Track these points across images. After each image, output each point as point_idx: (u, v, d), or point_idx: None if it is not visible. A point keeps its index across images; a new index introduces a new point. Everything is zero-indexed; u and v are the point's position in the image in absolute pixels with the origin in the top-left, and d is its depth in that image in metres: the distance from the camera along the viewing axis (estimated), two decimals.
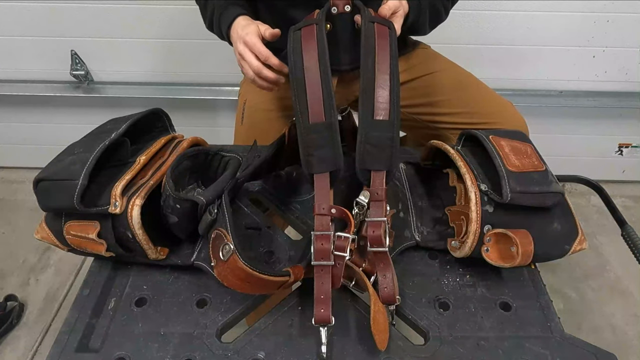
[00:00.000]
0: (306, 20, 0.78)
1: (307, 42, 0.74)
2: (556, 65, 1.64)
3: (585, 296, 1.58)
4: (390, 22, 0.78)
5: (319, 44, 0.74)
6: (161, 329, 0.71)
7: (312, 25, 0.76)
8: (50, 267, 1.70)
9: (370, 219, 0.71)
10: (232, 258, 0.65)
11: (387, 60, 0.73)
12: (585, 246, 0.75)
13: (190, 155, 0.80)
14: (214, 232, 0.70)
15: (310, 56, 0.73)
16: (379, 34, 0.75)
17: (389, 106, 0.71)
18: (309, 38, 0.75)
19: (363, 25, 0.75)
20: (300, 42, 0.74)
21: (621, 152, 1.90)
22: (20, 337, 1.48)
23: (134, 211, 0.70)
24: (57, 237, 0.75)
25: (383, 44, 0.74)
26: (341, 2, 0.87)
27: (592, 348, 0.68)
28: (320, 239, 0.68)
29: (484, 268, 0.76)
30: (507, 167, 0.72)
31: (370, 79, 0.72)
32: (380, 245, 0.69)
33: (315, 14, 0.81)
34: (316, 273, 0.68)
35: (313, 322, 0.66)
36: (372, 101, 0.71)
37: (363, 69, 0.72)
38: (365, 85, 0.71)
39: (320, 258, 0.67)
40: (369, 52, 0.73)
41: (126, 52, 1.64)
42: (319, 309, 0.66)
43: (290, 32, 0.77)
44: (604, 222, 1.80)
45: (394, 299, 0.68)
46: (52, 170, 0.72)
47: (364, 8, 0.81)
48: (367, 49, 0.73)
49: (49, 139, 1.93)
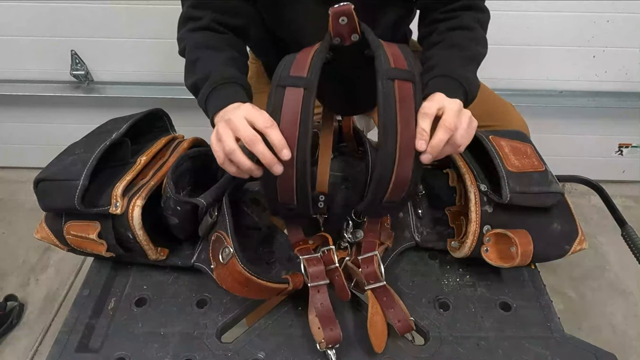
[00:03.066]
0: (295, 79, 0.62)
1: (289, 110, 0.60)
2: (556, 65, 1.64)
3: (585, 296, 1.58)
4: (414, 75, 0.63)
5: (302, 122, 0.60)
6: (161, 329, 0.71)
7: (300, 90, 0.60)
8: (50, 267, 1.70)
9: (363, 255, 0.72)
10: (232, 261, 0.65)
11: (412, 140, 0.60)
12: (585, 246, 0.75)
13: (190, 157, 0.80)
14: (214, 234, 0.70)
15: (289, 135, 0.60)
16: (401, 99, 0.60)
17: (407, 189, 0.64)
18: (292, 104, 0.60)
19: (380, 84, 0.60)
20: (280, 112, 0.60)
21: (621, 152, 1.90)
22: (20, 337, 1.48)
23: (135, 212, 0.70)
24: (57, 237, 0.75)
25: (406, 116, 0.60)
26: (346, 31, 0.67)
27: (592, 348, 0.68)
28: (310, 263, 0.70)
29: (484, 268, 0.76)
30: (506, 167, 0.72)
31: (388, 167, 0.61)
32: (376, 280, 0.69)
33: (313, 49, 0.66)
34: (312, 293, 0.68)
35: (320, 347, 0.64)
36: (387, 186, 0.62)
37: (382, 145, 0.60)
38: (382, 172, 0.61)
39: (315, 278, 0.68)
40: (389, 127, 0.59)
41: (126, 52, 1.64)
42: (328, 329, 0.64)
43: (274, 84, 0.63)
44: (604, 222, 1.80)
45: (410, 327, 0.68)
46: (53, 170, 0.73)
47: (380, 46, 0.64)
48: (386, 121, 0.59)
49: (49, 139, 1.93)
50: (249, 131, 0.61)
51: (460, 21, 0.79)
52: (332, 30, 0.67)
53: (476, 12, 0.81)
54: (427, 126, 0.61)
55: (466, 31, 0.78)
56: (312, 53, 0.64)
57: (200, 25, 0.78)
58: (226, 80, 0.72)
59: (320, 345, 0.65)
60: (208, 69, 0.73)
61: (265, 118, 0.60)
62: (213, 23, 0.78)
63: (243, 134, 0.61)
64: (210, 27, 0.78)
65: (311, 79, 0.60)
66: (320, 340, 0.65)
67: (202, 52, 0.76)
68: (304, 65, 0.62)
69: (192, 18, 0.80)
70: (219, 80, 0.71)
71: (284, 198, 0.64)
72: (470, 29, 0.79)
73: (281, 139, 0.59)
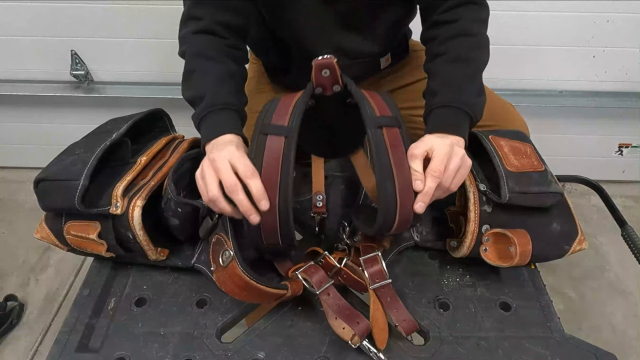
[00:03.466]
0: (277, 127, 0.63)
1: (270, 157, 0.62)
2: (556, 65, 1.64)
3: (585, 296, 1.58)
4: (398, 119, 0.66)
5: (283, 169, 0.61)
6: (161, 329, 0.71)
7: (281, 138, 0.62)
8: (50, 267, 1.70)
9: (365, 256, 0.72)
10: (232, 264, 0.65)
11: (409, 181, 0.63)
12: (584, 246, 0.75)
13: (191, 158, 0.80)
14: (215, 236, 0.70)
15: (270, 186, 0.61)
16: (391, 144, 0.63)
17: (411, 223, 0.66)
18: (273, 152, 0.62)
19: (369, 132, 0.63)
20: (262, 158, 0.62)
21: (621, 152, 1.90)
22: (20, 337, 1.48)
23: (135, 212, 0.70)
24: (57, 236, 0.75)
25: (399, 159, 0.63)
26: (328, 82, 0.69)
27: (592, 348, 0.68)
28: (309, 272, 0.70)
29: (483, 268, 0.76)
30: (506, 167, 0.72)
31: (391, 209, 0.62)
32: (382, 278, 0.70)
33: (295, 97, 0.67)
34: (323, 299, 0.68)
35: (354, 343, 0.65)
36: (391, 225, 0.64)
37: (382, 189, 0.62)
38: (385, 215, 0.63)
39: (320, 283, 0.69)
40: (386, 172, 0.62)
41: (126, 52, 1.64)
42: (354, 323, 0.65)
43: (256, 131, 0.64)
44: (604, 222, 1.80)
45: (415, 327, 0.68)
46: (53, 170, 0.73)
47: (363, 97, 0.66)
48: (382, 166, 0.62)
49: (49, 139, 1.93)
50: (230, 178, 0.62)
51: (461, 25, 0.79)
52: (314, 80, 0.69)
53: (475, 9, 0.81)
54: (419, 167, 0.64)
55: (469, 38, 0.78)
56: (294, 101, 0.66)
57: (201, 27, 0.79)
58: (219, 106, 0.73)
59: (353, 342, 0.65)
60: (203, 89, 0.75)
61: (246, 166, 0.62)
62: (214, 25, 0.79)
63: (225, 178, 0.63)
64: (211, 29, 0.78)
65: (292, 128, 0.63)
66: (352, 337, 0.65)
67: (200, 63, 0.77)
68: (286, 114, 0.64)
69: (194, 17, 0.80)
70: (212, 105, 0.73)
71: (269, 240, 0.66)
72: (472, 34, 0.79)
73: (260, 190, 0.61)
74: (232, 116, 0.74)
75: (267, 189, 0.61)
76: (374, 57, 0.99)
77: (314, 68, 0.68)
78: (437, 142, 0.67)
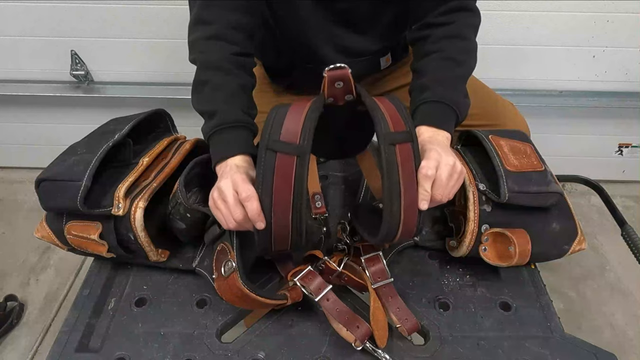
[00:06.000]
0: (287, 145, 0.60)
1: (282, 177, 0.60)
2: (556, 65, 1.64)
3: (585, 296, 1.58)
4: (411, 134, 0.63)
5: (296, 190, 0.60)
6: (161, 329, 0.71)
7: (292, 158, 0.60)
8: (50, 267, 1.70)
9: (366, 255, 0.73)
10: (233, 276, 0.65)
11: (415, 199, 0.62)
12: (584, 246, 0.75)
13: (199, 162, 0.79)
14: (220, 244, 0.70)
15: (283, 205, 0.61)
16: (402, 162, 0.61)
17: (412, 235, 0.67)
18: (284, 172, 0.60)
19: (382, 150, 0.61)
20: (273, 178, 0.60)
21: (621, 152, 1.90)
22: (20, 337, 1.48)
23: (137, 213, 0.70)
24: (57, 236, 0.75)
25: (408, 178, 0.62)
26: (341, 93, 0.67)
27: (592, 348, 0.68)
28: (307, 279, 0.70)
29: (483, 268, 0.76)
30: (505, 166, 0.72)
31: (393, 226, 0.63)
32: (384, 277, 0.71)
33: (305, 109, 0.63)
34: (323, 305, 0.68)
35: (356, 346, 0.66)
36: (393, 239, 0.65)
37: (387, 207, 0.61)
38: (388, 231, 0.63)
39: (319, 290, 0.69)
40: (394, 191, 0.61)
41: (126, 52, 1.64)
42: (354, 328, 0.65)
43: (263, 145, 0.61)
44: (604, 222, 1.80)
45: (417, 326, 0.69)
46: (55, 170, 0.72)
47: (377, 109, 0.63)
48: (391, 185, 0.61)
49: (49, 139, 1.93)
50: (237, 213, 0.64)
51: (456, 28, 0.79)
52: (326, 92, 0.66)
53: (469, 15, 0.82)
54: (429, 187, 0.64)
55: (461, 41, 0.79)
56: (304, 116, 0.62)
57: (212, 33, 0.77)
58: (230, 124, 0.73)
59: (356, 345, 0.66)
60: (215, 105, 0.74)
61: (244, 190, 0.63)
62: (224, 29, 0.77)
63: (232, 211, 0.64)
64: (222, 35, 0.77)
65: (304, 147, 0.60)
66: (355, 341, 0.66)
67: (212, 75, 0.76)
68: (296, 129, 0.61)
69: (203, 21, 0.79)
70: (223, 123, 0.73)
71: (278, 247, 0.66)
72: (467, 39, 0.80)
73: (256, 212, 0.61)
74: (242, 133, 0.74)
75: (280, 210, 0.61)
76: (374, 56, 0.99)
77: (326, 80, 0.65)
78: (442, 161, 0.65)
